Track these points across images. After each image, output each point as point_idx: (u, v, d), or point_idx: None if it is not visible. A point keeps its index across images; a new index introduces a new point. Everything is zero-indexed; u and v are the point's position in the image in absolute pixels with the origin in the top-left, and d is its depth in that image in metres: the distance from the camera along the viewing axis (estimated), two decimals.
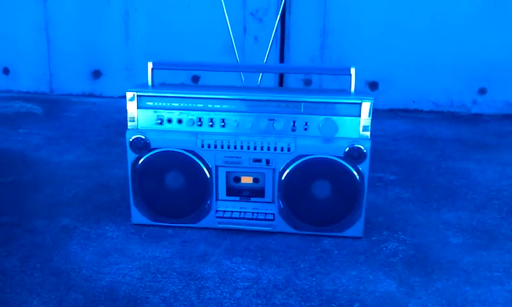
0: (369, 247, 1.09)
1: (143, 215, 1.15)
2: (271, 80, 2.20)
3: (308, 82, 2.18)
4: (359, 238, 1.12)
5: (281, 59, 2.21)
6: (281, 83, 2.19)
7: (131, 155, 1.12)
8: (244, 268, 1.00)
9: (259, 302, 0.90)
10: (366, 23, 2.14)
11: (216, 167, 1.11)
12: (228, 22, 1.18)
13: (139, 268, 1.00)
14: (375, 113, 2.21)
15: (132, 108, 1.11)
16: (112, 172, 1.48)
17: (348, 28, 2.15)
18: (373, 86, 2.21)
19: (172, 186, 1.13)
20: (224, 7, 1.12)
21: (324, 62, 2.18)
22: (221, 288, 0.94)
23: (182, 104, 1.10)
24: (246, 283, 0.95)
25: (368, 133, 1.08)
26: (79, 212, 1.22)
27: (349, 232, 1.12)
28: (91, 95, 2.36)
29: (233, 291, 0.93)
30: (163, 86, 1.16)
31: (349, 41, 2.16)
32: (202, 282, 0.95)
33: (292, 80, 2.22)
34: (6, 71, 2.36)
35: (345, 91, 1.13)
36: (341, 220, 1.11)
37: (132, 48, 2.26)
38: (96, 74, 2.33)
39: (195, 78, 2.23)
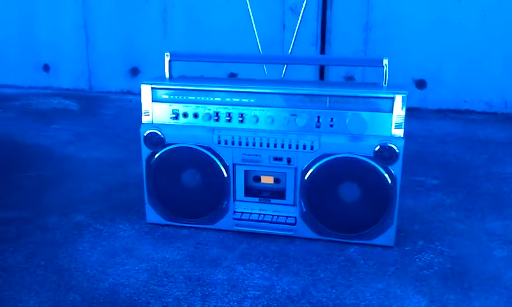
0: (400, 257, 0.98)
1: (158, 214, 1.09)
2: (311, 77, 2.10)
3: (350, 79, 2.07)
4: (390, 247, 1.01)
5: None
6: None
7: (145, 151, 1.06)
8: (257, 276, 0.92)
9: None
10: (413, 17, 2.01)
11: (234, 165, 1.03)
12: (250, 10, 1.10)
13: (146, 270, 0.93)
14: (422, 113, 2.08)
15: (146, 101, 1.05)
16: (136, 169, 1.43)
17: (393, 23, 2.02)
18: (421, 84, 2.07)
19: (187, 184, 1.06)
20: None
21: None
22: (229, 296, 0.86)
23: (198, 97, 1.02)
24: (257, 292, 0.87)
25: (401, 132, 0.97)
26: (94, 209, 1.18)
27: (379, 240, 1.01)
28: (129, 93, 2.34)
29: (241, 301, 0.84)
30: (181, 78, 1.10)
31: (394, 36, 2.03)
32: (210, 288, 0.88)
33: (333, 78, 2.11)
34: (46, 68, 2.38)
35: (377, 85, 1.03)
36: (370, 227, 1.01)
37: (170, 45, 2.22)
38: (134, 71, 2.31)
39: (233, 76, 2.17)
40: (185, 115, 1.03)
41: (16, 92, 2.33)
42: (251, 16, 1.13)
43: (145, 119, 1.06)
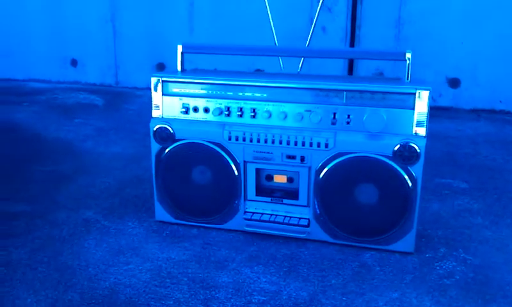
0: (420, 265, 0.91)
1: (167, 212, 1.05)
2: (340, 74, 2.03)
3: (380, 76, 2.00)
4: (409, 253, 0.95)
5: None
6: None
7: (155, 146, 1.03)
8: (264, 280, 0.87)
9: None
10: (446, 12, 1.91)
11: (245, 162, 0.99)
12: (267, 3, 1.05)
13: (149, 270, 0.90)
14: (455, 113, 1.99)
15: (156, 95, 1.02)
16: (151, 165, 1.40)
17: (426, 18, 1.93)
18: (454, 83, 1.97)
19: (197, 181, 1.02)
20: None
21: None
22: (232, 300, 0.81)
23: (209, 91, 0.98)
24: (262, 298, 0.82)
25: (423, 130, 0.90)
26: (105, 205, 1.15)
27: (398, 246, 0.95)
28: None
29: (244, 306, 0.80)
30: (193, 71, 1.06)
31: (427, 33, 1.94)
32: (213, 292, 0.83)
33: (361, 74, 2.04)
34: (74, 63, 2.39)
35: (400, 80, 0.97)
36: (388, 231, 0.94)
37: (196, 41, 2.19)
38: (161, 67, 2.28)
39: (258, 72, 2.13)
40: (195, 110, 0.99)
41: (43, 86, 2.34)
42: (268, 8, 1.09)
43: (155, 113, 1.02)
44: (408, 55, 0.94)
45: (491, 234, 1.02)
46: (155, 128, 1.01)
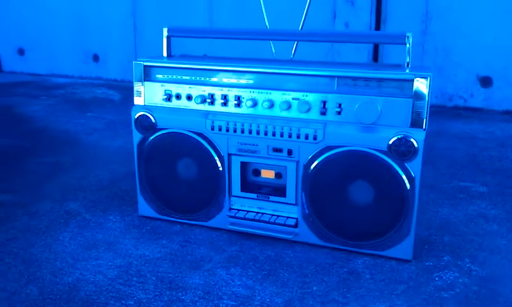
0: (416, 274, 0.81)
1: (150, 206, 0.99)
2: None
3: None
4: (407, 261, 0.84)
5: (375, 48, 1.93)
6: None
7: (137, 136, 0.97)
8: (239, 283, 0.79)
9: None
10: (477, 5, 1.78)
11: (229, 155, 0.91)
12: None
13: (118, 267, 0.83)
14: (485, 114, 1.85)
15: (138, 81, 0.96)
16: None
17: (455, 12, 1.80)
18: (486, 82, 1.83)
19: (179, 175, 0.95)
20: None
21: (425, 52, 1.86)
22: (197, 304, 0.74)
23: (192, 77, 0.91)
24: (232, 302, 0.74)
25: (423, 122, 0.80)
26: (92, 197, 1.10)
27: (393, 252, 0.85)
28: None
29: None
30: (181, 57, 0.99)
31: (456, 28, 1.81)
32: (180, 293, 0.76)
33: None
34: (96, 58, 2.38)
35: (399, 66, 0.87)
36: (382, 236, 0.85)
37: None
38: None
39: None
40: (178, 97, 0.93)
41: (65, 81, 2.35)
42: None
43: (137, 100, 0.96)
44: (408, 37, 0.85)
45: (506, 243, 0.90)
46: (136, 116, 0.95)
